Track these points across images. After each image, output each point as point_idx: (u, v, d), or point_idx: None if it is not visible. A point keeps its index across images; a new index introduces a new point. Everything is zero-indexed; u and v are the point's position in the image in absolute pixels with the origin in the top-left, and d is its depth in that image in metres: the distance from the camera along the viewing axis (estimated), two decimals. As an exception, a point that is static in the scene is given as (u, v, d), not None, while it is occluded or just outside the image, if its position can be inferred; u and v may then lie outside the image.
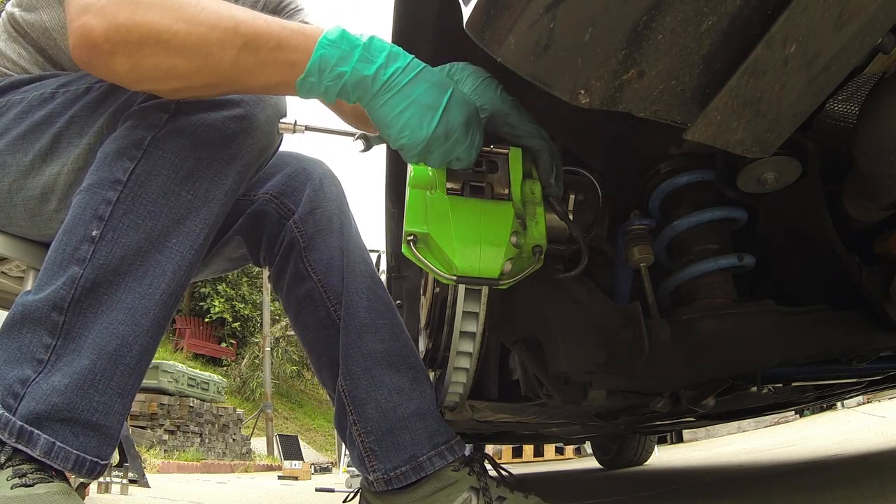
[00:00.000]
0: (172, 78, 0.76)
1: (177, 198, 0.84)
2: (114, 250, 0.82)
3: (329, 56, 0.73)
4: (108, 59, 0.74)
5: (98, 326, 0.81)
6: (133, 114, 0.87)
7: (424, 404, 1.03)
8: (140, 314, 0.82)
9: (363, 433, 1.02)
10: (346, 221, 1.15)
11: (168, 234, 0.84)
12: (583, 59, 0.58)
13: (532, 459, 6.44)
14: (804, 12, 0.53)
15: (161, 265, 0.84)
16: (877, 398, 5.34)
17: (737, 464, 2.72)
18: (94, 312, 0.81)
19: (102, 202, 0.83)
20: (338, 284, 1.09)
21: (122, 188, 0.83)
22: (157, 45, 0.72)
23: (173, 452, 8.41)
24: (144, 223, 0.83)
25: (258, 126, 0.90)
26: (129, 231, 0.82)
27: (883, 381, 1.38)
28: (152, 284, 0.83)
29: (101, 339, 0.80)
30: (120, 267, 0.82)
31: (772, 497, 1.37)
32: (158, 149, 0.84)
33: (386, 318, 1.07)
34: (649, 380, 0.97)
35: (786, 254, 1.03)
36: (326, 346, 1.10)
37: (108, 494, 3.63)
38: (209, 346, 17.02)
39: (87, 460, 0.80)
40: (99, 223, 0.82)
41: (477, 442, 2.76)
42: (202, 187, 0.86)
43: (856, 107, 0.91)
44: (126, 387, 0.83)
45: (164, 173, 0.84)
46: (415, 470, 0.98)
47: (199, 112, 0.85)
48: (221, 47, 0.72)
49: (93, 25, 0.72)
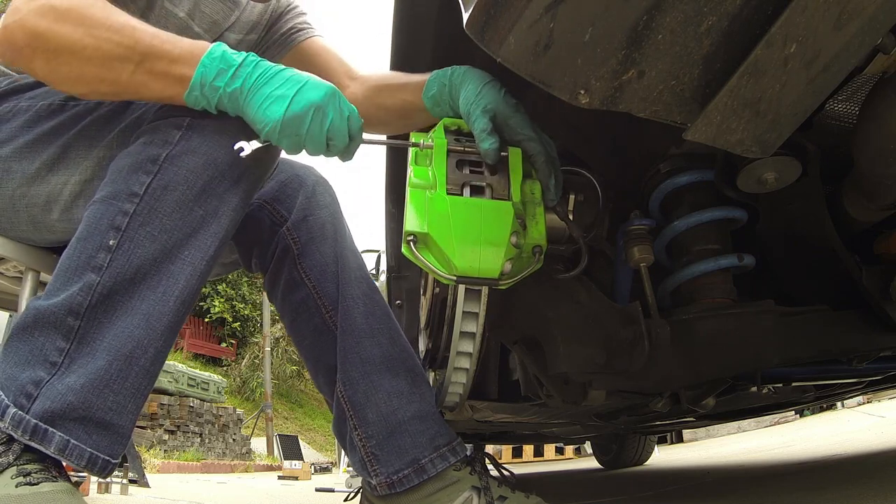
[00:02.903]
0: (82, 83, 0.86)
1: (190, 213, 0.88)
2: (130, 259, 0.85)
3: (208, 73, 0.84)
4: (29, 62, 0.86)
5: (113, 331, 0.83)
6: (146, 130, 0.91)
7: (424, 407, 1.04)
8: (155, 319, 0.85)
9: (364, 438, 1.03)
10: (339, 228, 1.16)
11: (181, 246, 0.88)
12: (583, 59, 0.58)
13: (532, 459, 6.44)
14: (804, 12, 0.53)
15: (174, 275, 0.87)
16: (877, 398, 5.34)
17: (737, 464, 2.72)
18: (109, 318, 0.84)
19: (119, 213, 0.86)
20: (333, 291, 1.10)
21: (139, 201, 0.86)
22: (70, 54, 0.83)
23: (173, 452, 8.40)
24: (160, 235, 0.86)
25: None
26: (146, 242, 0.86)
27: (883, 381, 1.38)
28: (166, 292, 0.86)
29: (117, 342, 0.83)
30: (136, 275, 0.85)
31: (772, 497, 1.37)
32: (174, 165, 0.87)
33: (383, 323, 1.08)
34: (649, 380, 0.97)
35: (786, 254, 1.03)
36: (323, 353, 1.11)
37: (108, 494, 3.63)
38: (209, 346, 17.01)
39: (100, 458, 0.82)
40: (116, 233, 0.85)
41: (477, 442, 2.76)
42: (213, 204, 0.90)
43: (856, 107, 0.91)
44: (140, 387, 0.85)
45: (179, 189, 0.87)
46: (417, 472, 0.99)
47: (210, 133, 0.89)
48: (121, 61, 0.83)
49: (15, 31, 0.83)
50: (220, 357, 17.08)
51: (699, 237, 0.98)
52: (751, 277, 1.03)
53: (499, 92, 0.89)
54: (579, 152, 1.04)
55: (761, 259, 0.99)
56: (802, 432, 4.17)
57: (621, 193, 1.05)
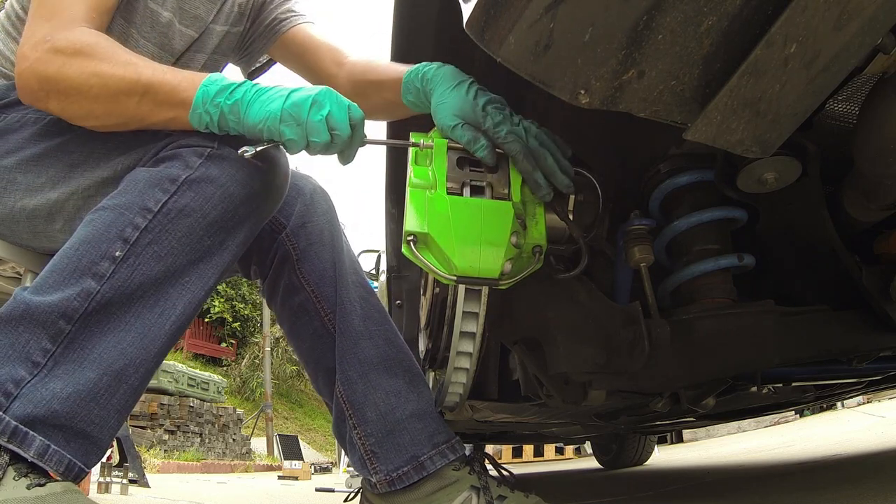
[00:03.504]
0: (92, 118, 0.92)
1: (199, 241, 0.89)
2: (133, 275, 0.85)
3: (209, 91, 0.88)
4: (45, 104, 0.92)
5: (104, 343, 0.83)
6: (169, 155, 0.92)
7: (422, 406, 1.05)
8: (149, 340, 0.85)
9: (363, 436, 1.04)
10: (336, 234, 1.18)
11: (184, 272, 0.88)
12: (583, 59, 0.58)
13: (532, 459, 6.43)
14: (804, 12, 0.53)
15: (173, 299, 0.87)
16: (877, 398, 5.33)
17: (737, 464, 2.72)
18: (100, 329, 0.83)
19: (129, 225, 0.86)
20: (331, 294, 1.12)
21: (152, 217, 0.87)
22: (79, 94, 0.88)
23: (173, 452, 8.40)
24: (167, 257, 0.87)
25: (275, 189, 0.98)
26: (151, 261, 0.86)
27: (883, 381, 1.38)
28: (163, 315, 0.86)
29: (109, 357, 0.82)
30: (136, 292, 0.85)
31: (772, 497, 1.37)
32: (191, 190, 0.88)
33: (380, 325, 1.10)
34: (649, 380, 0.97)
35: (786, 254, 1.03)
36: (322, 355, 1.13)
37: (108, 494, 3.63)
38: (209, 346, 17.00)
39: (77, 465, 0.81)
40: (123, 245, 0.85)
41: (477, 442, 2.76)
42: (221, 237, 0.91)
43: (856, 107, 0.91)
44: (125, 405, 0.85)
45: (193, 215, 0.88)
46: (416, 469, 1.00)
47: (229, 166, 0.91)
48: (127, 95, 0.88)
49: (28, 78, 0.90)
50: (220, 357, 17.08)
51: (699, 237, 0.98)
52: (751, 277, 1.03)
53: (465, 96, 0.88)
54: (579, 152, 1.04)
55: (761, 259, 0.99)
56: (802, 432, 4.17)
57: (621, 193, 1.05)
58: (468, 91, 0.89)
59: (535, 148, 0.87)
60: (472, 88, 0.89)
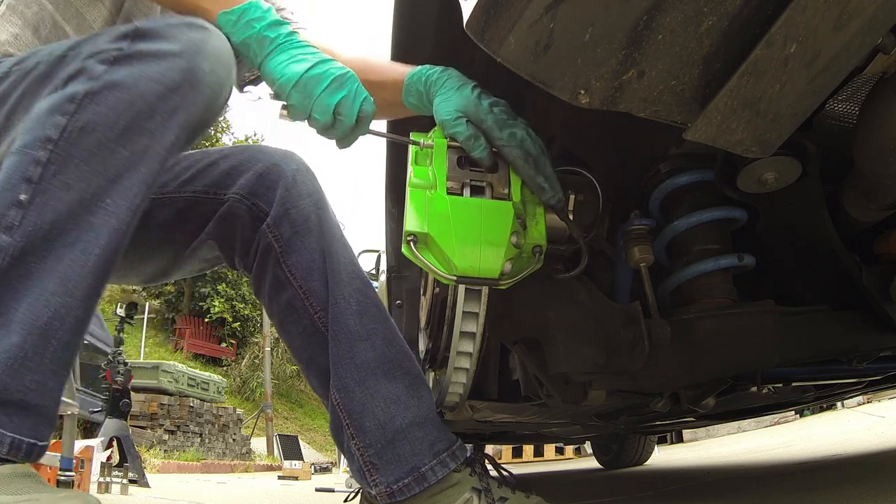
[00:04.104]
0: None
1: (112, 154, 0.78)
2: (43, 215, 0.75)
3: (253, 10, 0.89)
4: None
5: (28, 299, 0.75)
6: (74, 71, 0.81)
7: (423, 411, 1.00)
8: (73, 283, 0.76)
9: (362, 447, 0.99)
10: (324, 218, 1.07)
11: (102, 194, 0.78)
12: (583, 59, 0.58)
13: (532, 459, 6.44)
14: (804, 12, 0.53)
15: (95, 228, 0.78)
16: (877, 398, 5.33)
17: (737, 464, 2.72)
18: (23, 284, 0.75)
19: (32, 163, 0.76)
20: (321, 289, 1.03)
21: (54, 147, 0.77)
22: None
23: (173, 452, 8.40)
24: (76, 183, 0.77)
25: (202, 77, 0.84)
26: (60, 192, 0.76)
27: (883, 381, 1.38)
28: (85, 250, 0.77)
29: (32, 313, 0.74)
30: (50, 233, 0.76)
31: (772, 497, 1.37)
32: (94, 103, 0.78)
33: (377, 323, 1.02)
34: (649, 380, 0.97)
35: (786, 254, 1.03)
36: (314, 355, 1.06)
37: (108, 494, 3.63)
38: (209, 346, 17.01)
39: (24, 442, 0.74)
40: (28, 186, 0.76)
41: (477, 442, 2.76)
42: (141, 142, 0.80)
43: (856, 107, 0.91)
44: (60, 362, 0.77)
45: (99, 129, 0.78)
46: (417, 481, 0.96)
47: (139, 64, 0.80)
48: None
49: None
50: (220, 357, 17.09)
51: (699, 237, 0.98)
52: (751, 277, 1.03)
53: (469, 97, 0.88)
54: (579, 152, 1.05)
55: (761, 259, 0.99)
56: (802, 432, 4.17)
57: (621, 193, 1.05)
58: (472, 91, 0.89)
59: (536, 155, 0.87)
60: (477, 90, 0.90)
